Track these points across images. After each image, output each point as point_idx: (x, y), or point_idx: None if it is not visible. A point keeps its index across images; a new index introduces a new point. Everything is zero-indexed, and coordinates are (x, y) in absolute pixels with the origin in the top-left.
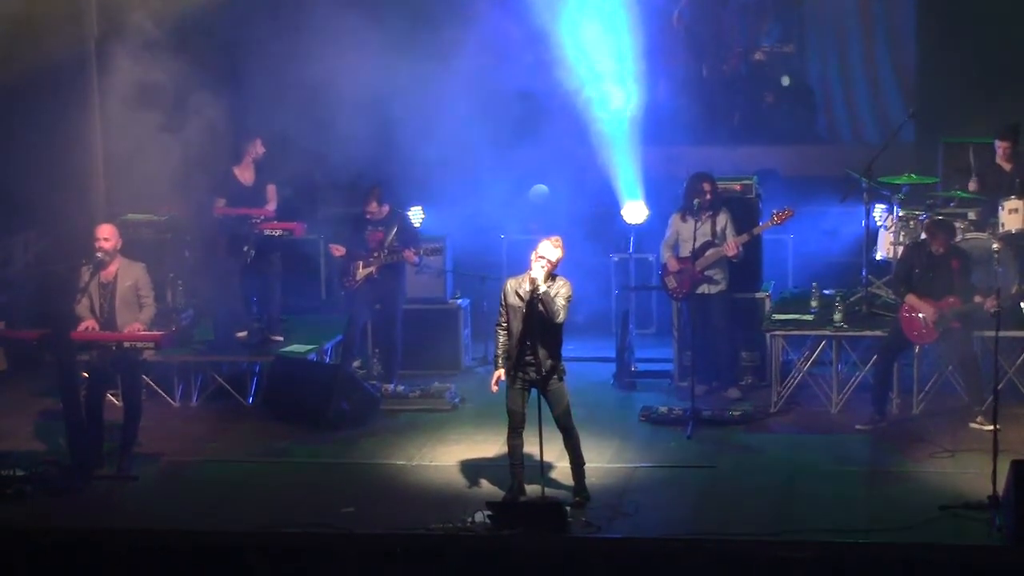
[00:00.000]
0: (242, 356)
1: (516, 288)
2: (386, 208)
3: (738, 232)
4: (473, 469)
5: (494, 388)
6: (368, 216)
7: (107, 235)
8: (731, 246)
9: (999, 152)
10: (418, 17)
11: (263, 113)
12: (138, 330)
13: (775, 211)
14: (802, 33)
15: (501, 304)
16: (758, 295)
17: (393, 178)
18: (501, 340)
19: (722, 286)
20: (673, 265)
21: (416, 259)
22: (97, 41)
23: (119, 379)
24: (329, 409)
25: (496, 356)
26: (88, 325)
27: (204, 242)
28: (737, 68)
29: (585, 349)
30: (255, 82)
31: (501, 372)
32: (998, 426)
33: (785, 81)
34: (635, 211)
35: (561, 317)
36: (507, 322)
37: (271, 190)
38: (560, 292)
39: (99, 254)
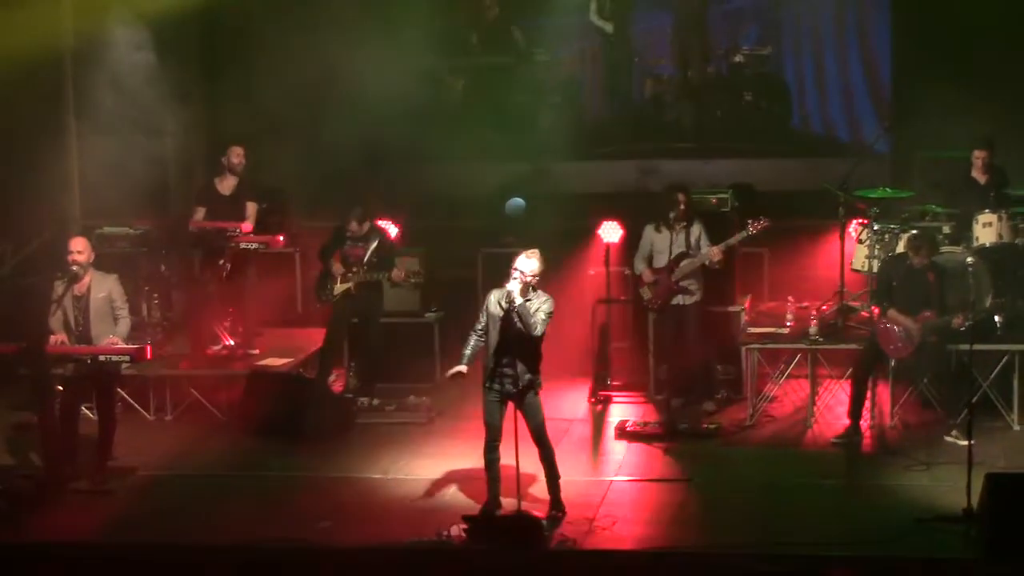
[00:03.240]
0: (217, 370)
1: (499, 299)
2: (367, 225)
3: (713, 243)
4: (449, 483)
5: (448, 376)
6: (349, 234)
7: (80, 248)
8: (716, 251)
9: (977, 163)
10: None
11: (240, 123)
12: (115, 344)
13: (750, 221)
14: (779, 37)
15: (482, 312)
16: (733, 309)
17: (370, 190)
18: (471, 342)
19: (697, 297)
20: (648, 276)
21: (403, 278)
22: (73, 53)
23: (94, 393)
24: (305, 423)
25: (463, 354)
26: (57, 339)
27: (180, 255)
28: (717, 69)
29: (561, 363)
30: (232, 92)
31: (463, 368)
32: (972, 439)
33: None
34: (610, 230)
35: (539, 331)
36: (485, 330)
37: (251, 207)
38: (541, 307)
39: (73, 267)
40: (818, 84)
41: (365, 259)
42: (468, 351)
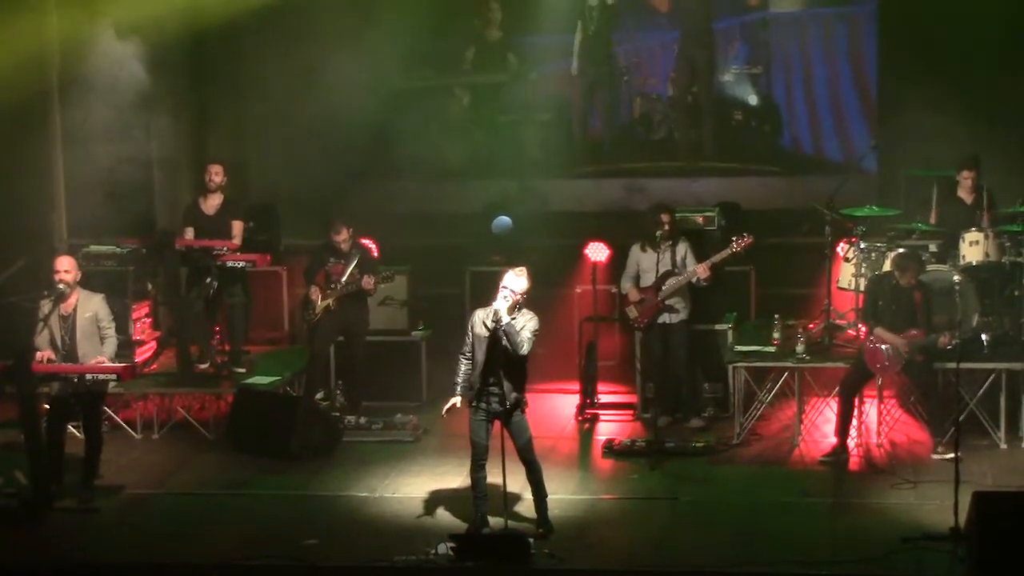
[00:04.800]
0: (205, 388)
1: (484, 318)
2: (350, 240)
3: (699, 261)
4: (436, 501)
5: (444, 414)
6: (340, 246)
7: (67, 267)
8: (703, 268)
9: (966, 183)
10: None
11: (228, 140)
12: (103, 364)
13: (734, 238)
14: (769, 56)
15: (468, 333)
16: (719, 327)
17: (353, 208)
18: (462, 368)
19: (683, 315)
20: (633, 295)
21: (372, 285)
22: (59, 70)
23: (80, 411)
24: (291, 441)
25: (455, 384)
26: (44, 356)
27: (167, 274)
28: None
29: (548, 381)
30: (221, 108)
31: (456, 400)
32: (960, 457)
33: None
34: (597, 250)
35: (525, 349)
36: (472, 352)
37: (237, 226)
38: (527, 325)
39: (60, 286)
40: (807, 103)
41: (345, 276)
42: (460, 379)
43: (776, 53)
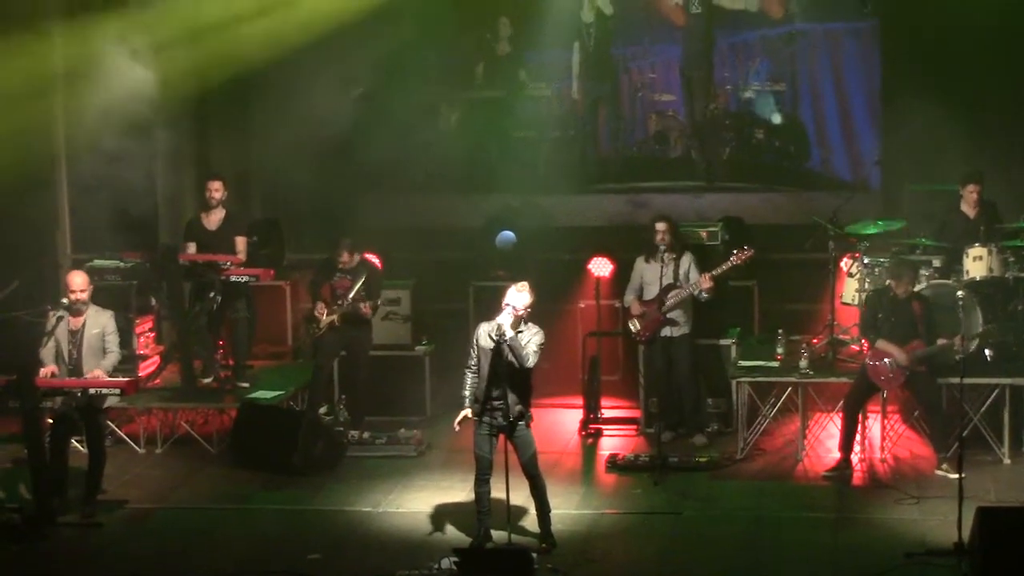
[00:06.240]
0: (208, 403)
1: (488, 331)
2: (357, 257)
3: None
4: (440, 515)
5: (456, 426)
6: (341, 266)
7: (83, 286)
8: (705, 279)
9: (971, 197)
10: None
11: (231, 153)
12: (99, 377)
13: (735, 251)
14: (794, 72)
15: (473, 347)
16: (723, 342)
17: (357, 222)
18: (468, 381)
19: (685, 329)
20: (636, 308)
21: (370, 313)
22: (63, 88)
23: (84, 426)
24: (295, 456)
25: (464, 396)
26: (48, 371)
27: (170, 288)
28: (726, 106)
29: (552, 395)
30: (223, 122)
31: (467, 411)
32: (963, 473)
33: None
34: (601, 265)
35: (531, 362)
36: (477, 365)
37: (241, 242)
38: (532, 339)
39: (77, 305)
40: (842, 123)
41: (351, 293)
42: (467, 391)
43: (801, 69)
